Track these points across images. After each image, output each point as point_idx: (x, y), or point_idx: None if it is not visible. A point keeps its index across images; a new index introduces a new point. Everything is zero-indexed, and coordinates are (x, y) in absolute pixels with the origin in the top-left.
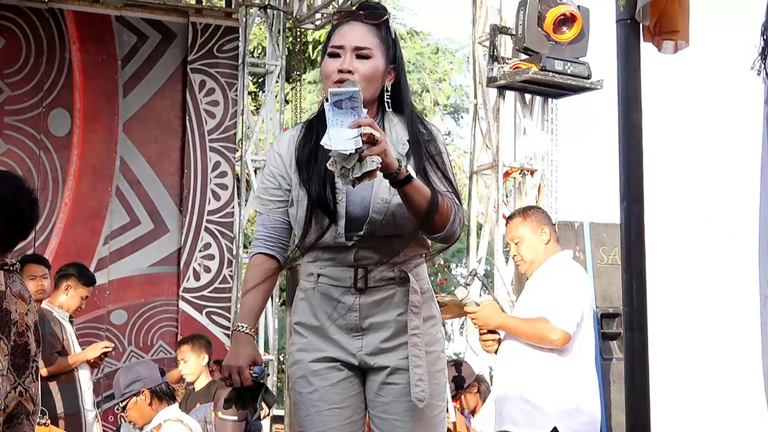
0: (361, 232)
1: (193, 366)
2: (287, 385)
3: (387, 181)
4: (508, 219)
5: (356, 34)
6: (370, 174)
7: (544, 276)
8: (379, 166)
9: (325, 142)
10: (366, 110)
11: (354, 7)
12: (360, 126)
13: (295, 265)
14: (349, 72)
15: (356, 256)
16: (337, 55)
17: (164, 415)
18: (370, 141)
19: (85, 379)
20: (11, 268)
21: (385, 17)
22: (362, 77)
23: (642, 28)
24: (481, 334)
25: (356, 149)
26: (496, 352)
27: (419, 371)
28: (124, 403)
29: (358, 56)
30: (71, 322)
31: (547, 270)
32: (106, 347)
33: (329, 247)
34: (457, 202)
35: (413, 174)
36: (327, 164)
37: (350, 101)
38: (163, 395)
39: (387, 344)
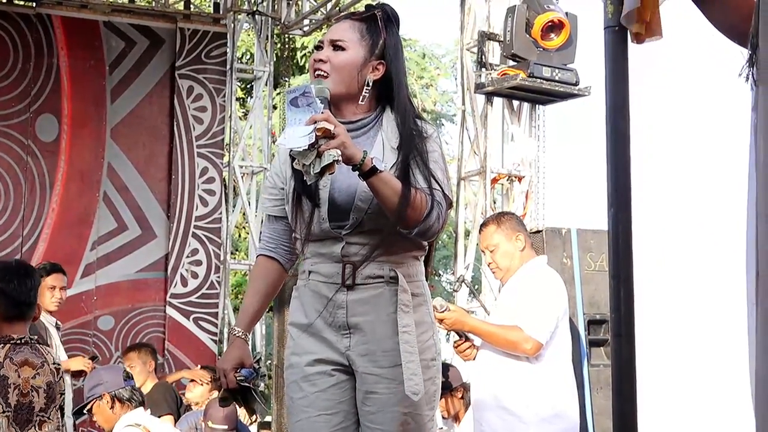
0: (348, 223)
1: (139, 372)
2: (275, 391)
3: None
4: (482, 227)
5: (337, 28)
6: (328, 167)
7: (519, 283)
8: (338, 159)
9: (280, 141)
10: (323, 105)
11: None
12: (315, 122)
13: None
14: (322, 61)
15: (344, 251)
16: (320, 49)
17: (125, 421)
18: (327, 135)
19: (66, 386)
20: (18, 341)
21: (371, 12)
22: (333, 67)
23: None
24: (455, 345)
25: (310, 145)
26: (474, 359)
27: (412, 366)
28: (88, 407)
29: (334, 48)
30: (57, 327)
31: (521, 277)
32: (87, 366)
33: (319, 241)
34: (437, 198)
35: (380, 166)
36: (293, 164)
37: (305, 98)
38: (125, 400)
39: (374, 347)
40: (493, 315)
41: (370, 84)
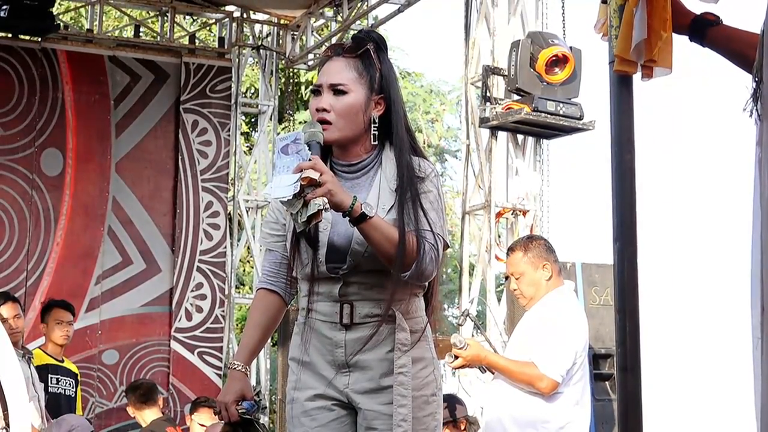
0: (345, 265)
1: (140, 417)
2: (279, 425)
3: None
4: (509, 251)
5: (333, 70)
6: (315, 216)
7: (540, 315)
8: (324, 207)
9: (266, 191)
10: (310, 152)
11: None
12: (302, 170)
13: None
14: (325, 110)
15: (342, 291)
16: (319, 93)
17: None
18: (313, 184)
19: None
20: None
21: (364, 48)
22: (338, 114)
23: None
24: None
25: (294, 195)
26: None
27: (403, 411)
28: None
29: (335, 92)
30: (28, 361)
31: (544, 307)
32: None
33: (318, 280)
34: (430, 241)
35: (370, 212)
36: (283, 212)
37: (294, 145)
38: None
39: (373, 384)
40: (511, 341)
41: (377, 121)
